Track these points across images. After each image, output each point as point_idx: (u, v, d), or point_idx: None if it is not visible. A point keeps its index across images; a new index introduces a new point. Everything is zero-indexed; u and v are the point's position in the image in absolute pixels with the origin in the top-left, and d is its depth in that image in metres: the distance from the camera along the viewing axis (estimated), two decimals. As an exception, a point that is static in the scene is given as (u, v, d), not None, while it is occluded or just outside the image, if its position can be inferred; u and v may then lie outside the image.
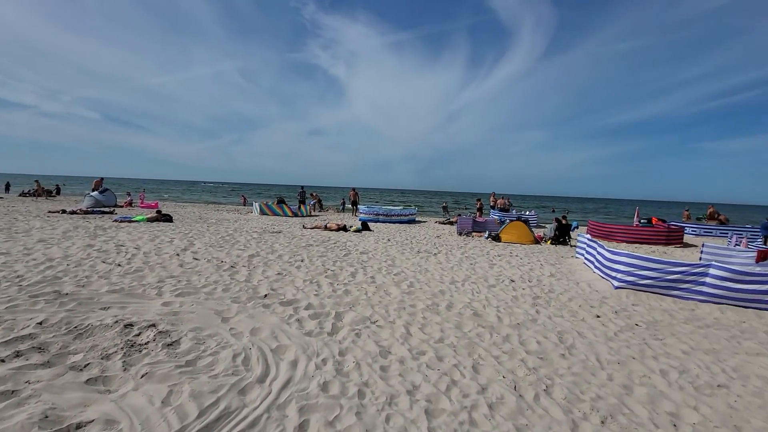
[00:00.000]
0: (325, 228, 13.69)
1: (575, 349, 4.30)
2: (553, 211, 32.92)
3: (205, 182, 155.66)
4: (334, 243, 10.55)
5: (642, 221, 17.47)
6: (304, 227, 13.95)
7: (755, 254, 8.46)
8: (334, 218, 19.14)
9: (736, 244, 11.73)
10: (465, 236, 14.14)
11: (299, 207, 19.77)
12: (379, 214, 18.19)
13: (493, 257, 9.80)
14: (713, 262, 6.53)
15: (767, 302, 6.05)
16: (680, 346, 4.52)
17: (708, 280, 6.35)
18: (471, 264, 8.71)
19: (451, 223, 18.65)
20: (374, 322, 4.70)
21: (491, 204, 22.31)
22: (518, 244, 12.51)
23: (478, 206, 20.96)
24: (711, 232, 18.28)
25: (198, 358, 3.45)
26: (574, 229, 16.32)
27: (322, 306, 5.14)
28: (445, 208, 26.14)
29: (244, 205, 27.39)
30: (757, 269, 6.62)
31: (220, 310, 4.70)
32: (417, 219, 20.82)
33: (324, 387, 3.14)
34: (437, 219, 21.85)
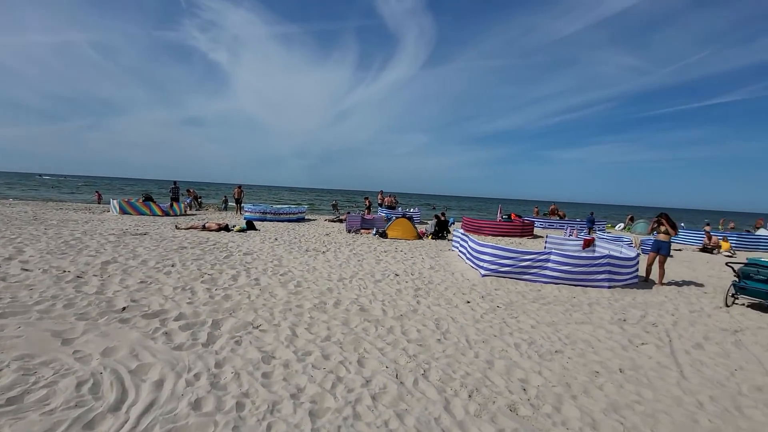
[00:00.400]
0: (204, 228, 12.46)
1: (449, 333, 4.74)
2: (434, 208, 35.93)
3: (42, 174, 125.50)
4: (214, 244, 9.68)
5: (504, 217, 20.23)
6: (177, 227, 12.46)
7: (582, 242, 10.53)
8: (214, 217, 17.56)
9: (569, 235, 14.43)
10: (354, 233, 14.42)
11: (171, 205, 17.58)
12: (266, 213, 17.32)
13: (380, 253, 10.21)
14: (553, 250, 7.91)
15: (590, 280, 7.60)
16: (529, 322, 5.36)
17: (550, 265, 7.68)
18: (359, 261, 8.91)
19: (341, 221, 18.82)
20: (257, 327, 4.45)
21: (379, 202, 23.20)
22: (403, 240, 13.27)
23: (366, 204, 21.58)
24: (553, 225, 22.15)
25: (26, 392, 2.79)
26: (451, 224, 18.02)
27: (197, 315, 4.66)
28: (335, 206, 26.27)
29: (99, 203, 23.19)
30: (583, 254, 8.25)
31: (60, 330, 3.88)
32: (307, 217, 20.46)
33: (196, 405, 2.85)
34: (327, 217, 21.83)
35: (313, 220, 19.81)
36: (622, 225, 26.00)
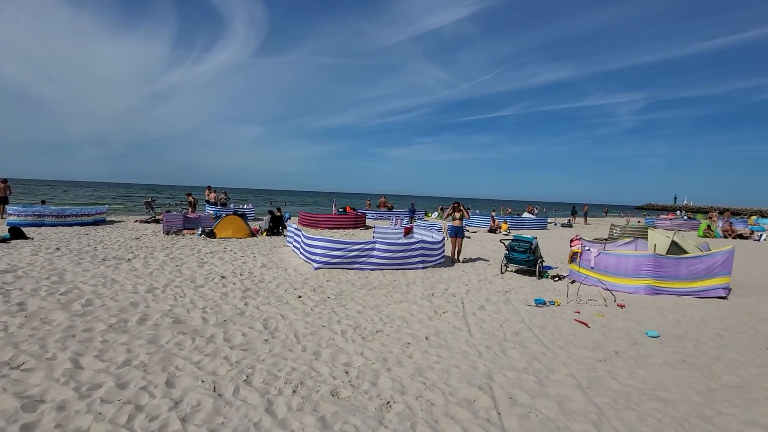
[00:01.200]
0: (-72, 241, 8.79)
1: (278, 331, 4.64)
2: (271, 203, 34.69)
3: None
4: (-53, 263, 6.93)
5: (339, 210, 21.09)
6: None
7: (403, 230, 11.86)
8: (-49, 225, 12.60)
9: (395, 224, 16.09)
10: (174, 235, 12.61)
11: None
12: (44, 215, 13.42)
13: (205, 255, 9.22)
14: (378, 239, 8.66)
15: (408, 263, 8.63)
16: (356, 308, 5.73)
17: (375, 253, 8.38)
18: (177, 266, 7.83)
19: (157, 221, 16.20)
20: (18, 367, 3.40)
21: (206, 198, 20.95)
22: (234, 239, 12.34)
23: (190, 201, 19.16)
24: (383, 216, 24.32)
25: None
26: (287, 219, 17.69)
27: None
28: (149, 204, 22.39)
29: None
30: (403, 240, 9.30)
31: None
32: (109, 218, 16.82)
33: None
34: (139, 217, 18.47)
35: (119, 221, 16.44)
36: (436, 213, 30.50)
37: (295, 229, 10.14)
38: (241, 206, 21.48)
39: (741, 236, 19.81)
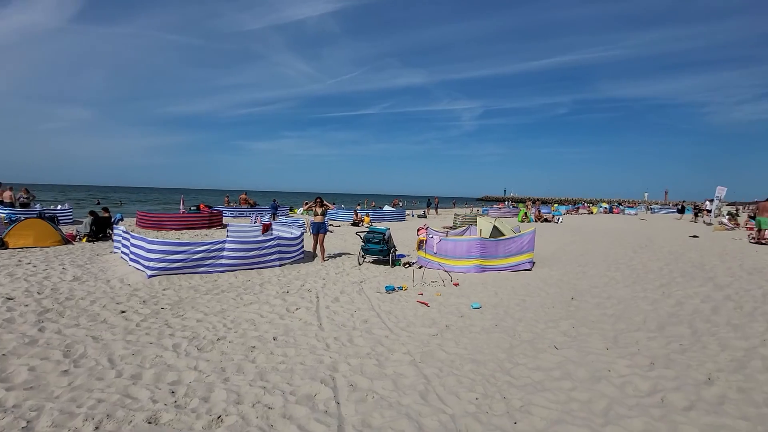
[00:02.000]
0: None
1: (85, 358, 3.82)
2: (98, 202, 28.81)
3: None
4: None
5: (192, 208, 18.86)
6: None
7: (261, 227, 11.24)
8: None
9: (254, 222, 15.17)
10: (-65, 249, 9.28)
11: None
12: None
13: (-16, 272, 7.03)
14: (227, 238, 7.99)
15: (264, 262, 8.20)
16: (197, 316, 5.14)
17: (225, 253, 7.71)
18: (-69, 290, 5.76)
19: None
20: None
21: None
22: (38, 248, 9.76)
23: (-32, 202, 14.43)
24: (243, 213, 22.72)
25: None
26: (118, 221, 14.88)
27: None
28: None
29: None
30: (254, 239, 8.79)
31: None
32: None
33: None
34: None
35: None
36: (302, 209, 30.02)
37: (122, 231, 8.57)
38: (51, 207, 17.21)
39: (546, 220, 25.06)
